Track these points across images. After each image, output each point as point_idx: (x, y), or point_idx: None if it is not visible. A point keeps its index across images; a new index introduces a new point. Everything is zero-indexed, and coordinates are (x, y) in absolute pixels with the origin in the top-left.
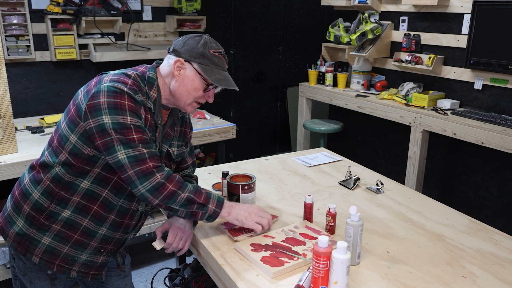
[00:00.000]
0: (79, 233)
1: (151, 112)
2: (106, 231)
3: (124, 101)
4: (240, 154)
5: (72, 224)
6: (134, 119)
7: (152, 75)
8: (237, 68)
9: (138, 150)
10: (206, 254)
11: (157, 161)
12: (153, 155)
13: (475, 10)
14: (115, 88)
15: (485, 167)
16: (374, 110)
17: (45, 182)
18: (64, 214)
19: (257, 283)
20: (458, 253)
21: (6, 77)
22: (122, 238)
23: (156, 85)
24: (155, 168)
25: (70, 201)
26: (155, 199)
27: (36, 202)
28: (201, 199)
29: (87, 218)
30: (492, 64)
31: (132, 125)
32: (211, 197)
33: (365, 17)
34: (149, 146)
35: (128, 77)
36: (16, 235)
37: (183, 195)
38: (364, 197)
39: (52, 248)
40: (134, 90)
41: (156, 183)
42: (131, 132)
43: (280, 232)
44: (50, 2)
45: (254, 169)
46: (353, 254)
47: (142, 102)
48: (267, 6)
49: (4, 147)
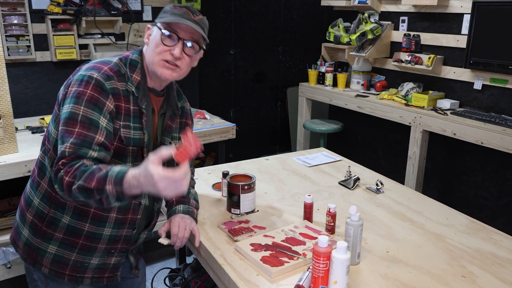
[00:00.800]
0: (83, 238)
1: (134, 97)
2: (111, 231)
3: (87, 90)
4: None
5: (73, 230)
6: (89, 110)
7: (136, 57)
8: (237, 68)
9: (65, 146)
10: (206, 254)
11: (72, 158)
12: (73, 152)
13: (474, 10)
14: (85, 75)
15: (484, 167)
16: (374, 110)
17: (43, 186)
18: (64, 220)
19: (257, 283)
20: (457, 253)
21: (7, 77)
22: (130, 235)
23: (140, 67)
24: (62, 165)
25: (66, 205)
26: (65, 195)
27: (37, 209)
28: (93, 183)
29: (87, 222)
30: (491, 64)
31: (81, 117)
32: (107, 176)
33: (365, 17)
34: (82, 143)
35: (107, 63)
36: (25, 246)
37: (77, 185)
38: (364, 197)
39: (59, 256)
40: (108, 77)
41: (58, 178)
42: (75, 124)
43: (280, 232)
44: (51, 2)
45: (254, 169)
46: (353, 254)
47: (112, 90)
48: (267, 6)
49: (4, 147)
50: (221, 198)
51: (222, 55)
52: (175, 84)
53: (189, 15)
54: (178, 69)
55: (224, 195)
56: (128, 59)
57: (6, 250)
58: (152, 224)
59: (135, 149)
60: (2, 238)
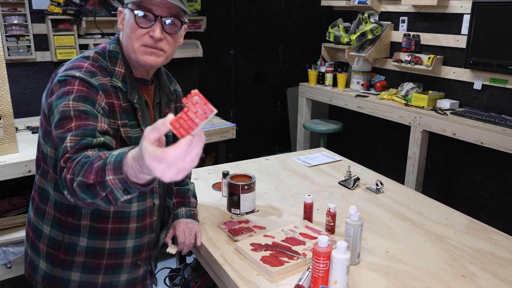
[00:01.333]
0: (106, 257)
1: (122, 92)
2: (134, 242)
3: (73, 87)
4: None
5: (94, 251)
6: (80, 103)
7: (114, 47)
8: (237, 68)
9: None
10: (206, 254)
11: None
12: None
13: (474, 10)
14: (66, 76)
15: (484, 167)
16: (374, 110)
17: (49, 212)
18: (81, 243)
19: (257, 283)
20: (457, 253)
21: (7, 77)
22: (151, 240)
23: (122, 58)
24: (64, 162)
25: (80, 227)
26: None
27: (50, 237)
28: (92, 177)
29: (107, 239)
30: (491, 64)
31: (73, 112)
32: (106, 164)
33: (365, 17)
34: (83, 132)
35: (86, 59)
36: (43, 280)
37: (76, 182)
38: (364, 197)
39: (85, 283)
40: (91, 73)
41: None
42: (70, 120)
43: (280, 232)
44: (51, 2)
45: (254, 169)
46: (352, 254)
47: (101, 86)
48: (267, 7)
49: (4, 147)
50: (221, 198)
51: (222, 55)
52: (162, 68)
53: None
54: (162, 52)
55: (224, 195)
56: (105, 51)
57: (6, 250)
58: (166, 222)
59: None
60: (2, 238)
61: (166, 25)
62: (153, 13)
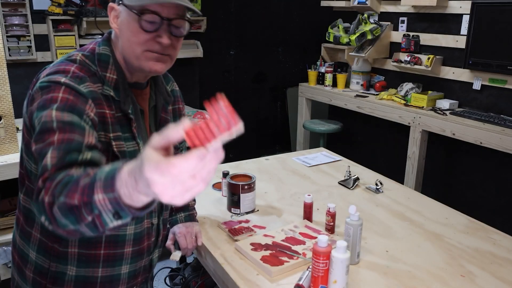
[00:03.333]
0: (99, 286)
1: (115, 101)
2: (129, 267)
3: (57, 94)
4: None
5: (85, 280)
6: (65, 114)
7: (104, 50)
8: (237, 69)
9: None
10: (207, 253)
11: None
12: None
13: (473, 10)
14: (49, 82)
15: (483, 167)
16: (374, 110)
17: (35, 236)
18: (69, 272)
19: (257, 282)
20: (456, 252)
21: (8, 78)
22: (148, 263)
23: (113, 62)
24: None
25: (68, 254)
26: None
27: (36, 264)
28: (77, 196)
29: (99, 267)
30: (490, 65)
31: (56, 123)
32: (95, 181)
33: (365, 17)
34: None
35: (72, 62)
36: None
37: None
38: (364, 196)
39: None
40: (79, 79)
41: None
42: (52, 133)
43: (280, 232)
44: (51, 3)
45: (254, 169)
46: (352, 254)
47: (90, 94)
48: (267, 7)
49: (5, 147)
50: (221, 197)
51: (222, 56)
52: None
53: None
54: (169, 58)
55: (224, 195)
56: (94, 54)
57: (7, 250)
58: (160, 240)
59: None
60: (2, 238)
61: (174, 28)
62: (160, 15)
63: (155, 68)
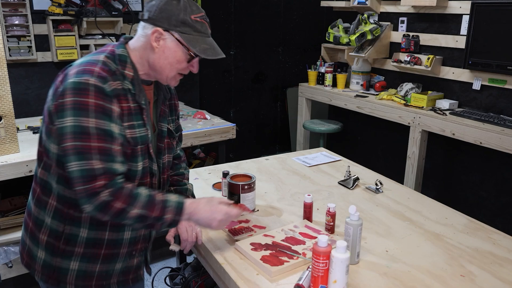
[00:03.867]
0: (105, 247)
1: (131, 94)
2: (131, 233)
3: (90, 100)
4: (240, 154)
5: (94, 242)
6: (101, 121)
7: (122, 51)
8: (237, 69)
9: (90, 163)
10: (207, 253)
11: (109, 178)
12: (106, 171)
13: (473, 11)
14: (80, 82)
15: (483, 167)
16: (373, 111)
17: (51, 204)
18: (82, 234)
19: (257, 282)
20: (456, 252)
21: (8, 78)
22: (147, 233)
23: (130, 62)
24: (103, 187)
25: (81, 219)
26: (104, 216)
27: (51, 228)
28: (154, 212)
29: (107, 231)
30: (490, 65)
31: (96, 129)
32: (167, 206)
33: (364, 18)
34: (109, 158)
35: (95, 62)
36: (43, 268)
37: (132, 212)
38: (363, 196)
39: (83, 271)
40: (103, 78)
41: (101, 202)
42: (90, 139)
43: (280, 232)
44: (52, 3)
45: (254, 169)
46: (352, 253)
47: (114, 92)
48: (267, 7)
49: (5, 147)
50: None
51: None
52: None
53: (208, 29)
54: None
55: (224, 195)
56: (115, 54)
57: (7, 250)
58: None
59: (142, 147)
60: (3, 238)
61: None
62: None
63: (174, 84)
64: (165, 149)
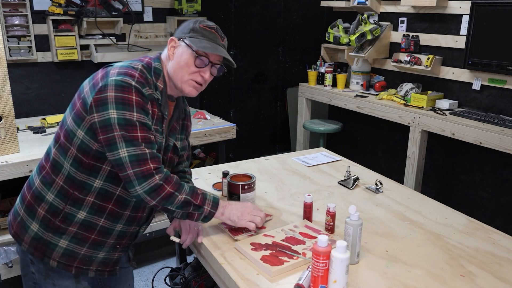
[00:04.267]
0: (96, 233)
1: (158, 104)
2: (122, 227)
3: (132, 96)
4: (240, 154)
5: (88, 225)
6: (141, 115)
7: (158, 65)
8: (237, 69)
9: (140, 149)
10: (207, 253)
11: (158, 163)
12: (154, 156)
13: (473, 11)
14: (122, 82)
15: (483, 167)
16: (373, 111)
17: (57, 183)
18: (79, 215)
19: (257, 282)
20: (456, 252)
21: (8, 78)
22: (135, 231)
23: (163, 76)
24: (155, 170)
25: (84, 201)
26: (152, 200)
27: (51, 205)
28: (198, 200)
29: (103, 218)
30: (490, 65)
31: (138, 122)
32: (206, 198)
33: (364, 18)
34: (151, 146)
35: (135, 69)
36: (32, 240)
37: (180, 197)
38: (363, 196)
39: (70, 251)
40: (142, 84)
41: (154, 184)
42: (136, 129)
43: (280, 232)
44: (52, 3)
45: (254, 169)
46: (352, 253)
47: (149, 96)
48: (267, 7)
49: (6, 147)
50: (221, 197)
51: None
52: None
53: (218, 39)
54: (201, 87)
55: (224, 195)
56: (151, 67)
57: (7, 250)
58: (150, 218)
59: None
60: (3, 238)
61: (214, 69)
62: (209, 59)
63: (191, 93)
64: (167, 162)
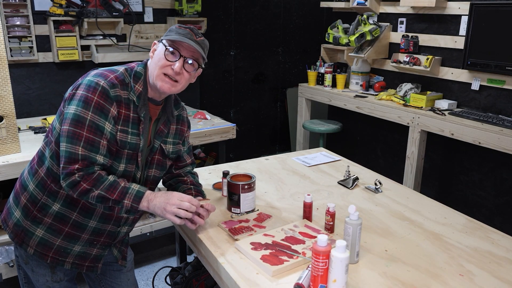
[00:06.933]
0: (69, 226)
1: (134, 105)
2: (96, 224)
3: (93, 97)
4: (240, 154)
5: (61, 217)
6: (96, 116)
7: (141, 70)
8: (237, 69)
9: (75, 148)
10: (207, 252)
11: (86, 164)
12: (86, 158)
13: (472, 11)
14: (92, 81)
15: (482, 167)
16: (373, 111)
17: (39, 174)
18: (54, 207)
19: (257, 281)
20: (455, 252)
21: (9, 78)
22: (114, 231)
23: (143, 79)
24: (77, 170)
25: (58, 194)
26: (73, 194)
27: (31, 194)
28: (114, 195)
29: (75, 212)
30: (489, 65)
31: (89, 122)
32: (128, 192)
33: (364, 18)
34: (92, 148)
35: (114, 71)
36: (14, 226)
37: (95, 193)
38: (363, 196)
39: (45, 240)
40: (113, 85)
41: (72, 180)
42: (84, 128)
43: (280, 231)
44: (53, 3)
45: (254, 168)
46: (352, 253)
47: (116, 98)
48: (267, 8)
49: (7, 147)
50: (222, 197)
51: (222, 56)
52: (173, 95)
53: (192, 35)
54: (176, 83)
55: (224, 195)
56: (133, 70)
57: (9, 249)
58: (131, 219)
59: (130, 152)
60: (4, 238)
61: (187, 64)
62: (180, 52)
63: (163, 88)
64: (154, 164)
